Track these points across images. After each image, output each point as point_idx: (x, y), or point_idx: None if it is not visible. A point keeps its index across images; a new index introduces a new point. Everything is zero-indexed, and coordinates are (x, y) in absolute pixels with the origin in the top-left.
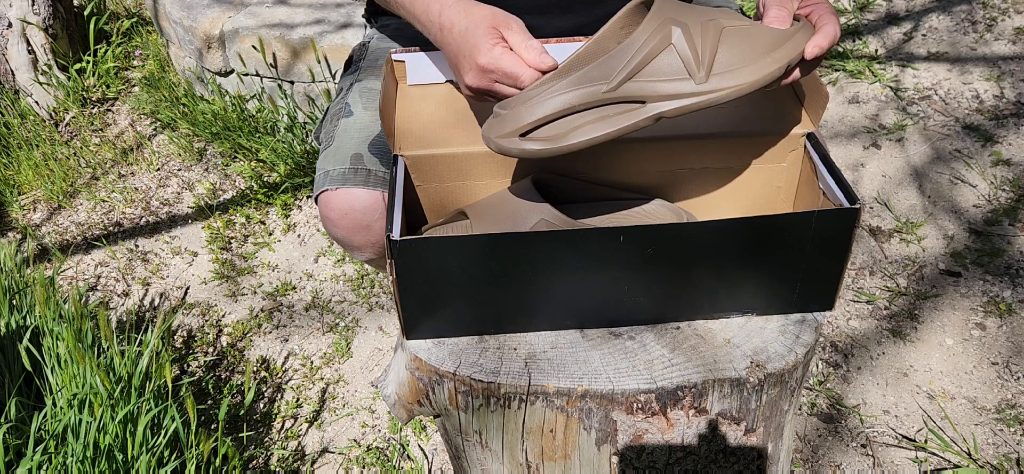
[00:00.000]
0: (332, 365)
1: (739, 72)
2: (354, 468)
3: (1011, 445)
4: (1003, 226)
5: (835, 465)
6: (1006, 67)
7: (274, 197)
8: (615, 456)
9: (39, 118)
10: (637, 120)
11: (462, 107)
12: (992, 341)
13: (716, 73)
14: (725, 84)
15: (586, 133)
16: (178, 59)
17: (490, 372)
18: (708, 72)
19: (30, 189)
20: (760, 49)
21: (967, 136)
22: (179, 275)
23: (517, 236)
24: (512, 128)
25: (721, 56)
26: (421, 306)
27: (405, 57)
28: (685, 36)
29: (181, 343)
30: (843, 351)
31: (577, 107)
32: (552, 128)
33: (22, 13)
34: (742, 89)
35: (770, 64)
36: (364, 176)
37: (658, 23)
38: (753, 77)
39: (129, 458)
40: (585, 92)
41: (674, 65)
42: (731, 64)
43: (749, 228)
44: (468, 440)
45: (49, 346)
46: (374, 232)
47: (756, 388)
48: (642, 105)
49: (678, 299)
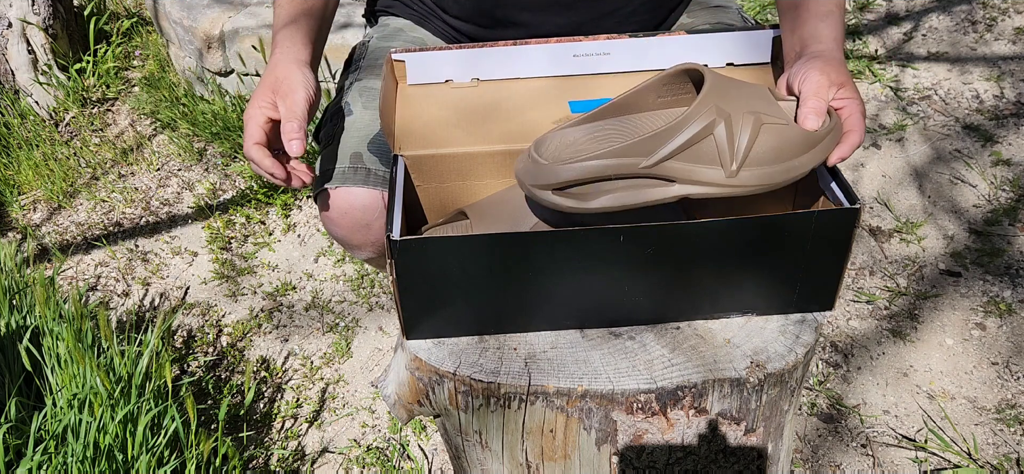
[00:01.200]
0: (332, 365)
1: (767, 171)
2: (354, 468)
3: (1011, 445)
4: (1003, 226)
5: (835, 465)
6: (1006, 67)
7: (274, 197)
8: (615, 456)
9: (39, 118)
10: (663, 197)
11: (462, 107)
12: (992, 341)
13: (746, 168)
14: (751, 182)
15: (615, 200)
16: (178, 59)
17: (490, 372)
18: (739, 166)
19: (30, 189)
20: (789, 152)
21: (967, 136)
22: (179, 275)
23: (517, 236)
24: (549, 182)
25: (753, 152)
26: (421, 306)
27: (405, 57)
28: (726, 129)
29: (181, 343)
30: (843, 351)
31: (612, 175)
32: (585, 187)
33: (22, 13)
34: (765, 188)
35: (796, 168)
36: (364, 175)
37: (706, 110)
38: (778, 179)
39: (129, 458)
40: (624, 163)
41: (710, 153)
42: (761, 161)
43: (749, 228)
44: (468, 440)
45: (49, 346)
46: (373, 231)
47: (756, 388)
48: (671, 184)
49: (678, 299)
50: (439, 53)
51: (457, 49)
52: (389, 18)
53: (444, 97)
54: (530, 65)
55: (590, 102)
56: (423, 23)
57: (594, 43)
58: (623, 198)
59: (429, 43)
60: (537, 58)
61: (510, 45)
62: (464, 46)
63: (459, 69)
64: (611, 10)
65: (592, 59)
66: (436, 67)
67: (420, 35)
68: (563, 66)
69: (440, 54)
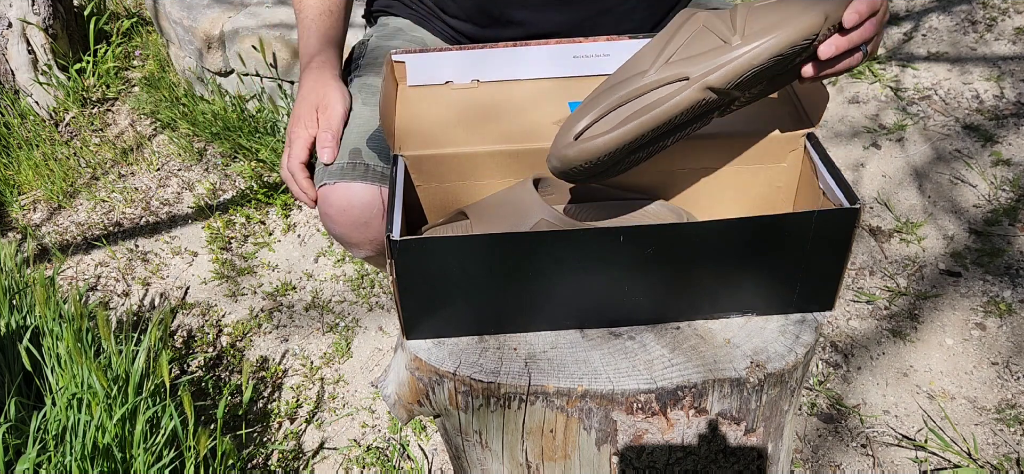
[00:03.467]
0: (332, 365)
1: (778, 28)
2: (354, 468)
3: (1011, 445)
4: (1003, 226)
5: (835, 465)
6: (1006, 67)
7: (274, 197)
8: (615, 456)
9: (39, 118)
10: (685, 99)
11: (463, 108)
12: (992, 341)
13: (752, 33)
14: (765, 39)
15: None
16: (178, 59)
17: (490, 372)
18: (743, 36)
19: (30, 189)
20: (796, 10)
21: (967, 136)
22: (179, 275)
23: (517, 236)
24: (567, 138)
25: (754, 23)
26: (421, 306)
27: (405, 58)
28: (713, 17)
29: (181, 343)
30: (843, 351)
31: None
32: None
33: (22, 13)
34: (782, 44)
35: (810, 18)
36: (362, 171)
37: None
38: (791, 36)
39: (128, 456)
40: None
41: (709, 41)
42: (766, 26)
43: (749, 228)
44: (468, 440)
45: (49, 346)
46: (372, 229)
47: (756, 388)
48: (685, 81)
49: (678, 299)
50: (439, 54)
51: (457, 50)
52: (389, 18)
53: (444, 98)
54: (530, 66)
55: None
56: (423, 23)
57: (594, 44)
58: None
59: (429, 43)
60: (537, 59)
61: (510, 46)
62: (464, 47)
63: (459, 70)
64: (609, 8)
65: (592, 60)
66: (436, 68)
67: (420, 35)
68: (563, 67)
69: (440, 55)
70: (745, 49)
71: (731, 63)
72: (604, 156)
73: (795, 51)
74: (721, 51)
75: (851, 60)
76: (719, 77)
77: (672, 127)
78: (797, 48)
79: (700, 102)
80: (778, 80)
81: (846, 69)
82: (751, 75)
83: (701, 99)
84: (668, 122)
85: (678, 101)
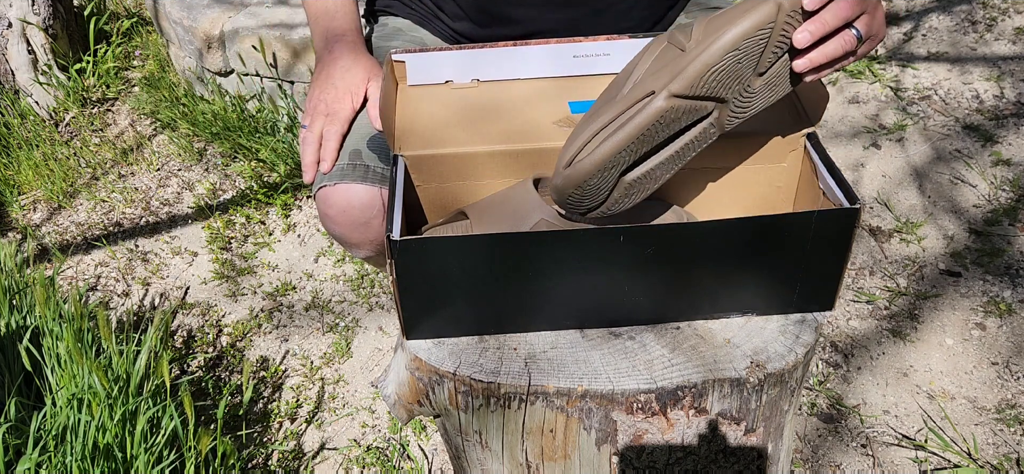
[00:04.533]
0: (332, 365)
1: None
2: (354, 468)
3: (1011, 445)
4: (1003, 226)
5: (835, 465)
6: (1006, 67)
7: (274, 197)
8: (615, 456)
9: (39, 118)
10: (653, 111)
11: (462, 107)
12: (992, 341)
13: (706, 37)
14: (716, 37)
15: (613, 140)
16: (178, 59)
17: (490, 372)
18: (698, 41)
19: (30, 189)
20: (748, 7)
21: (967, 136)
22: (179, 275)
23: (517, 236)
24: (558, 170)
25: (710, 28)
26: (421, 306)
27: (405, 58)
28: (677, 32)
29: (181, 343)
30: (843, 351)
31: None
32: (586, 150)
33: (22, 13)
34: (734, 38)
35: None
36: (363, 172)
37: (654, 41)
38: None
39: (128, 457)
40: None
41: (670, 55)
42: (719, 26)
43: (749, 228)
44: (468, 440)
45: (49, 346)
46: (373, 229)
47: (756, 388)
48: (652, 96)
49: (678, 299)
50: (439, 54)
51: (457, 50)
52: (388, 18)
53: (444, 97)
54: (530, 66)
55: (590, 102)
56: (423, 23)
57: (594, 44)
58: (618, 140)
59: (429, 43)
60: (537, 59)
61: (510, 46)
62: (464, 47)
63: (459, 70)
64: (608, 4)
65: (592, 60)
66: (436, 68)
67: (420, 35)
68: (563, 67)
69: (440, 55)
70: (698, 51)
71: (687, 68)
72: (592, 180)
73: (756, 45)
74: (679, 59)
75: (843, 45)
76: (680, 84)
77: (656, 143)
78: (756, 41)
79: (672, 111)
80: (772, 81)
81: (842, 56)
82: (717, 76)
83: (670, 108)
84: (645, 136)
85: (648, 114)
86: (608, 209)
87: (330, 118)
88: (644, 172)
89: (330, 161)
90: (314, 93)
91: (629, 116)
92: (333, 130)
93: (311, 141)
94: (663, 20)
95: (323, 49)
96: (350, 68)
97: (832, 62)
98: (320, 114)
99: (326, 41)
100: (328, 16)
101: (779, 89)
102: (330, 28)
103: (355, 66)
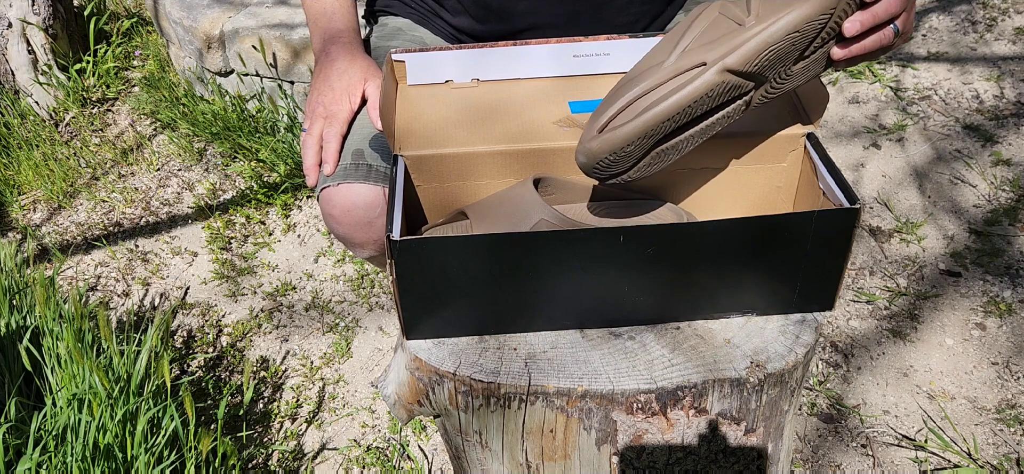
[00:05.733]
0: (332, 365)
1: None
2: (354, 468)
3: (1011, 445)
4: (1003, 226)
5: (835, 465)
6: (1006, 67)
7: (274, 197)
8: (615, 456)
9: (39, 118)
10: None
11: (463, 107)
12: (992, 341)
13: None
14: (779, 16)
15: (660, 108)
16: (178, 59)
17: (490, 372)
18: (757, 17)
19: (30, 189)
20: None
21: (967, 136)
22: (179, 275)
23: (517, 236)
24: (591, 132)
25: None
26: (421, 306)
27: (405, 57)
28: (729, 5)
29: (181, 343)
30: (843, 351)
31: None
32: (626, 114)
33: (22, 13)
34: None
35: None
36: (365, 172)
37: (700, 9)
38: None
39: (128, 457)
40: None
41: (724, 27)
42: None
43: (749, 228)
44: (468, 440)
45: (49, 346)
46: (375, 229)
47: (756, 388)
48: (704, 66)
49: (678, 299)
50: (439, 54)
51: (457, 49)
52: (389, 18)
53: (444, 97)
54: (530, 65)
55: (590, 102)
56: (423, 22)
57: (594, 43)
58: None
59: (429, 42)
60: (537, 58)
61: (510, 45)
62: (464, 46)
63: (459, 69)
64: (606, 0)
65: (592, 59)
66: (436, 67)
67: (420, 35)
68: (564, 66)
69: (440, 54)
70: (759, 28)
71: (746, 43)
72: (629, 146)
73: (814, 29)
74: (736, 33)
75: (882, 38)
76: (736, 59)
77: (696, 115)
78: (815, 25)
79: (721, 86)
80: (809, 66)
81: (879, 49)
82: (771, 56)
83: (721, 82)
84: (690, 108)
85: (697, 86)
86: (632, 176)
87: (329, 120)
88: (674, 142)
89: (332, 163)
90: (313, 96)
91: (678, 85)
92: (333, 132)
93: (311, 144)
94: (663, 14)
95: (321, 51)
96: (347, 69)
97: (867, 54)
98: (319, 116)
99: (324, 43)
100: (326, 17)
101: (809, 74)
102: (328, 29)
103: (352, 67)
